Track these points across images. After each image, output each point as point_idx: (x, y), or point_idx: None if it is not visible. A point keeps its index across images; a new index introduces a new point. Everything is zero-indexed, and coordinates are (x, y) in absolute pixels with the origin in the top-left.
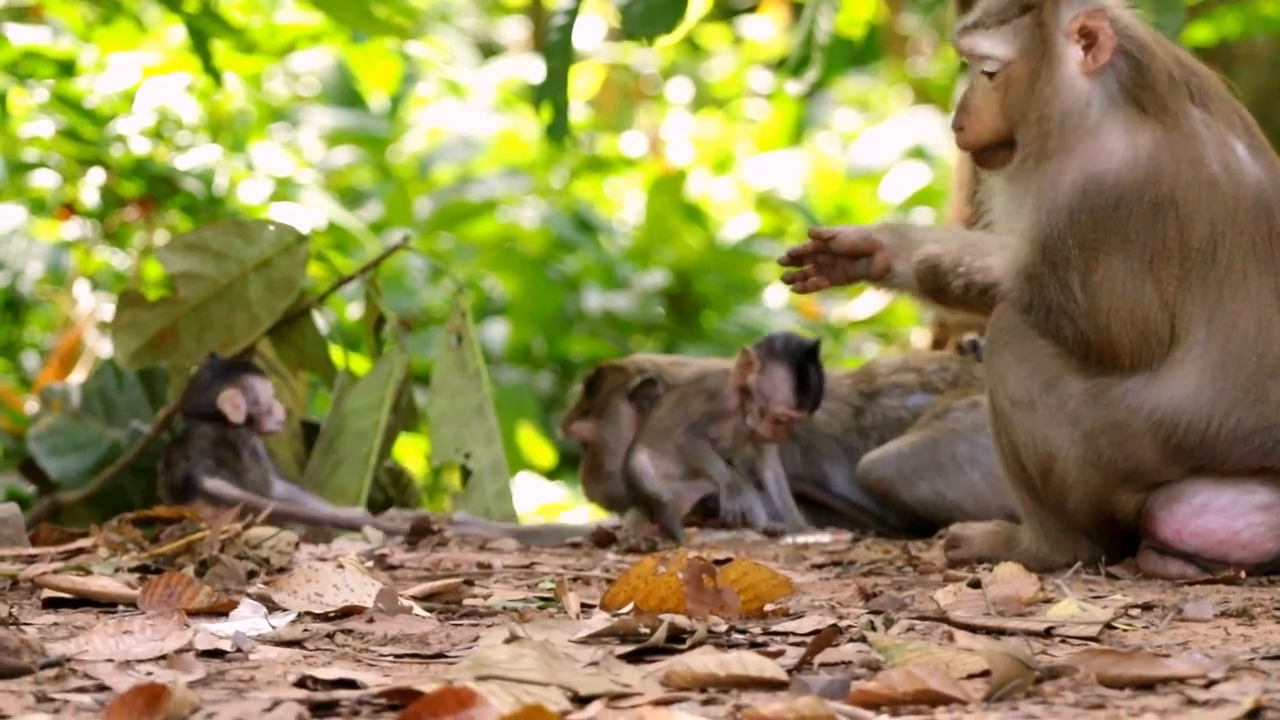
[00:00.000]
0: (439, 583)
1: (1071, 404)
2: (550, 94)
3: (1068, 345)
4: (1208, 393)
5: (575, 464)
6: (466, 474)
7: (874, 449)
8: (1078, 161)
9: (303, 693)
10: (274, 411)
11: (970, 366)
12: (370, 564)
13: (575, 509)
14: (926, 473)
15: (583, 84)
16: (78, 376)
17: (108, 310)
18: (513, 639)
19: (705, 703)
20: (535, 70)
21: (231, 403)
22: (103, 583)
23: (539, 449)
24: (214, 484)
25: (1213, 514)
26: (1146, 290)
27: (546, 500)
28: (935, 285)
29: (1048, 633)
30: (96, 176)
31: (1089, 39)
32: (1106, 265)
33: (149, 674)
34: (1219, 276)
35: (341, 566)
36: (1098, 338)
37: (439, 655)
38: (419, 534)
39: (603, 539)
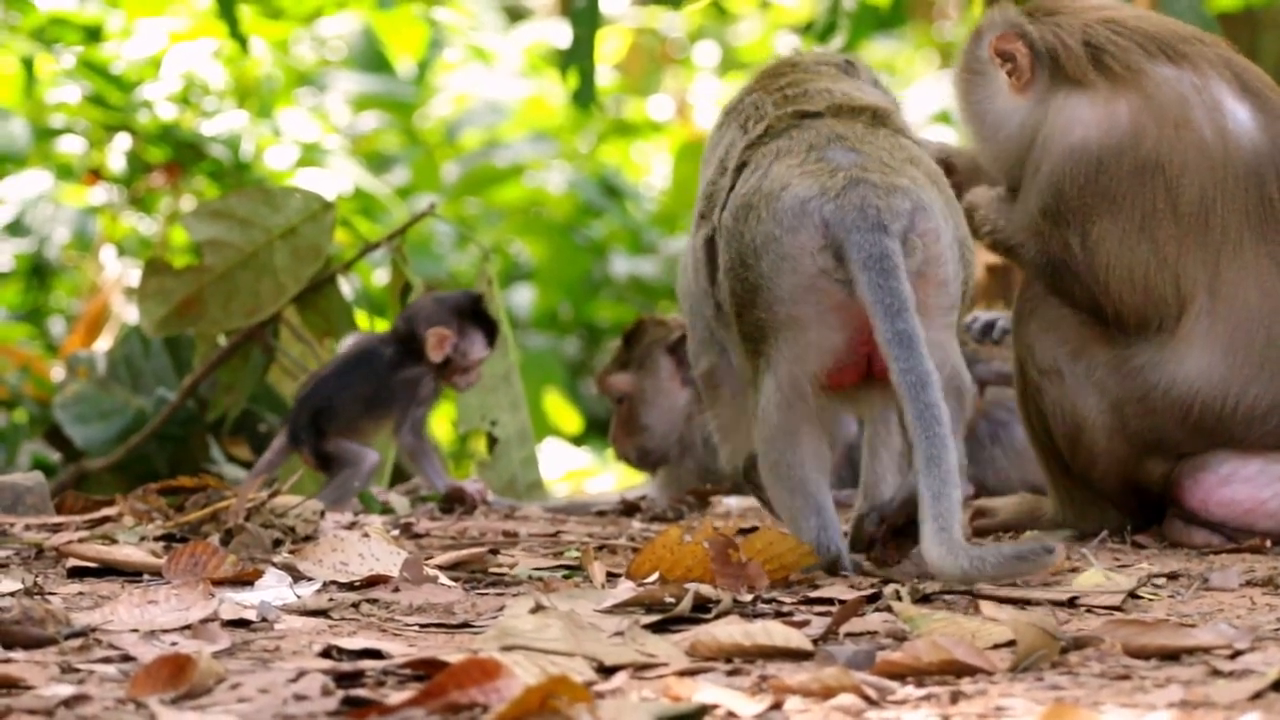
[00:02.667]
0: (464, 552)
1: (1098, 373)
2: (577, 60)
3: (1079, 306)
4: (1220, 370)
5: (602, 429)
6: (493, 441)
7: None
8: (1054, 142)
9: (328, 663)
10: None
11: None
12: (396, 533)
13: (601, 474)
14: None
15: (609, 48)
16: (104, 343)
17: (134, 277)
18: (538, 609)
19: (731, 673)
20: (562, 35)
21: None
22: (128, 552)
23: (565, 415)
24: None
25: (1239, 483)
26: (1142, 250)
27: (573, 466)
28: (971, 230)
29: (1072, 602)
30: (123, 142)
31: (1008, 59)
32: (1099, 227)
33: (174, 644)
34: (1215, 243)
35: (367, 535)
36: (1102, 297)
37: (464, 625)
38: (452, 502)
39: (629, 509)
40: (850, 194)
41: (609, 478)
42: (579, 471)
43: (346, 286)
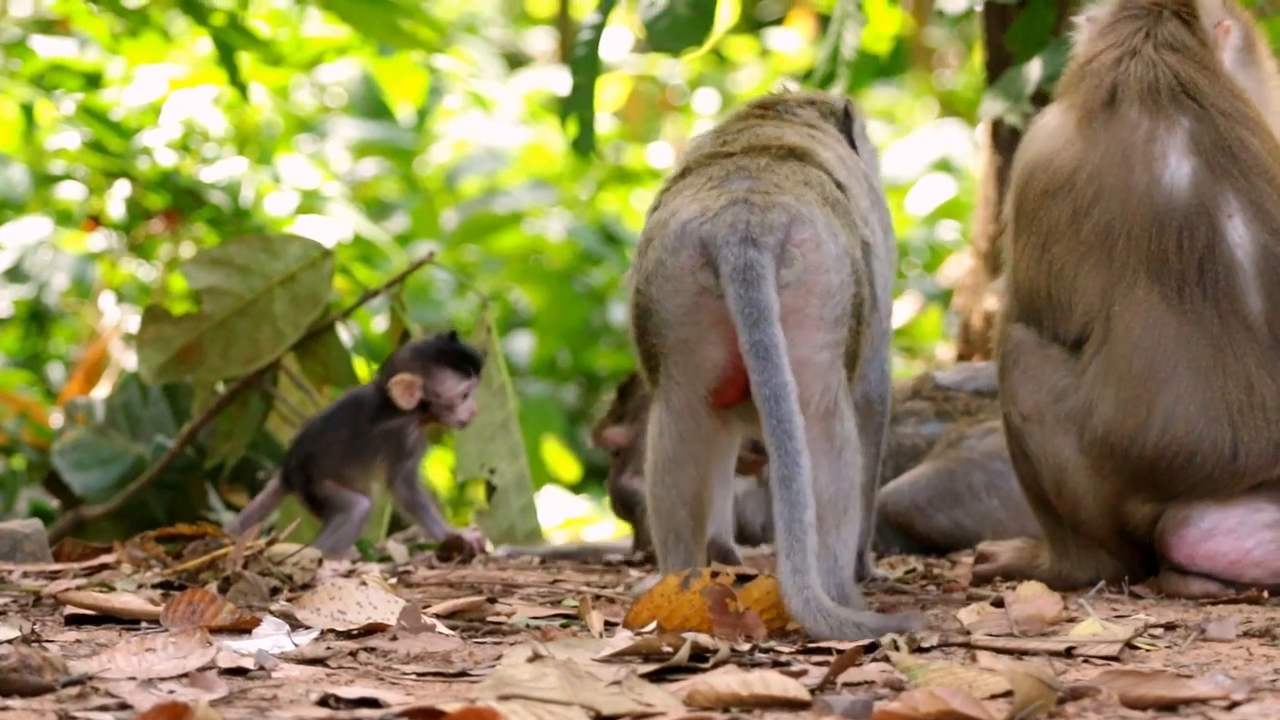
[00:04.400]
0: (462, 600)
1: (1069, 411)
2: (576, 108)
3: (1023, 321)
4: (1116, 408)
5: (600, 477)
6: (491, 489)
7: (890, 478)
8: (1018, 153)
9: (325, 711)
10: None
11: (954, 400)
12: (393, 581)
13: (600, 523)
14: (944, 503)
15: (609, 96)
16: (102, 390)
17: (133, 323)
18: (535, 657)
19: None
20: (562, 81)
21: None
22: (125, 599)
23: (564, 463)
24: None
25: (1222, 536)
26: (1042, 268)
27: (571, 514)
28: None
29: (1069, 652)
30: (122, 189)
31: None
32: (1020, 243)
33: (171, 692)
34: (1114, 273)
35: (364, 584)
36: (1022, 312)
37: (462, 674)
38: (449, 551)
39: (647, 558)
40: (726, 213)
41: (607, 526)
42: (577, 519)
43: (345, 334)
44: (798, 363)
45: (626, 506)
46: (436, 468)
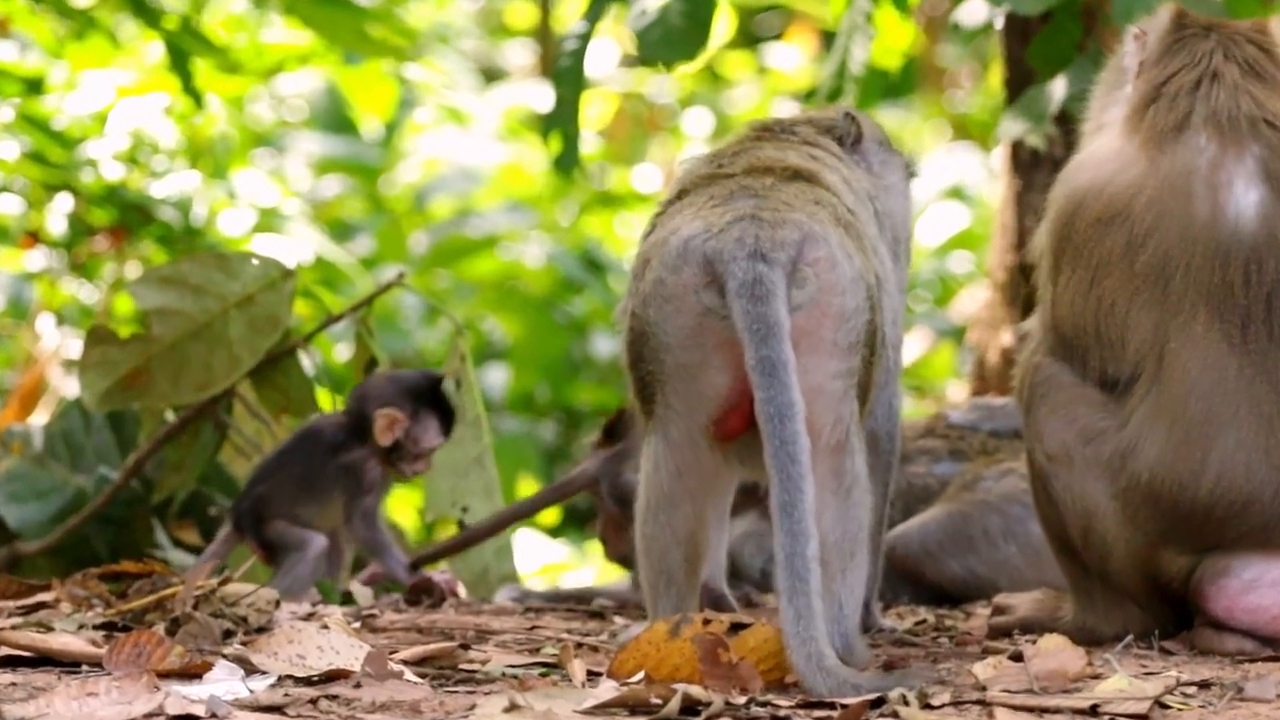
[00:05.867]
0: (432, 646)
1: (1106, 454)
2: (560, 123)
3: (1058, 357)
4: (1169, 453)
5: (581, 521)
6: (463, 529)
7: (898, 521)
8: (1062, 179)
9: None
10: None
11: (970, 439)
12: (357, 624)
13: (579, 568)
14: (957, 549)
15: (594, 113)
16: (40, 418)
17: (74, 347)
18: (512, 708)
19: None
20: (543, 97)
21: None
22: (65, 640)
23: None
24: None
25: (1265, 589)
26: (1093, 297)
27: (549, 560)
28: None
29: (1094, 711)
30: (64, 203)
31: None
32: (1065, 276)
33: None
34: (1170, 309)
35: (326, 627)
36: (1062, 350)
37: None
38: (419, 593)
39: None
40: (733, 229)
41: (588, 572)
42: (555, 565)
43: (307, 361)
44: (809, 391)
45: (624, 505)
46: (403, 506)
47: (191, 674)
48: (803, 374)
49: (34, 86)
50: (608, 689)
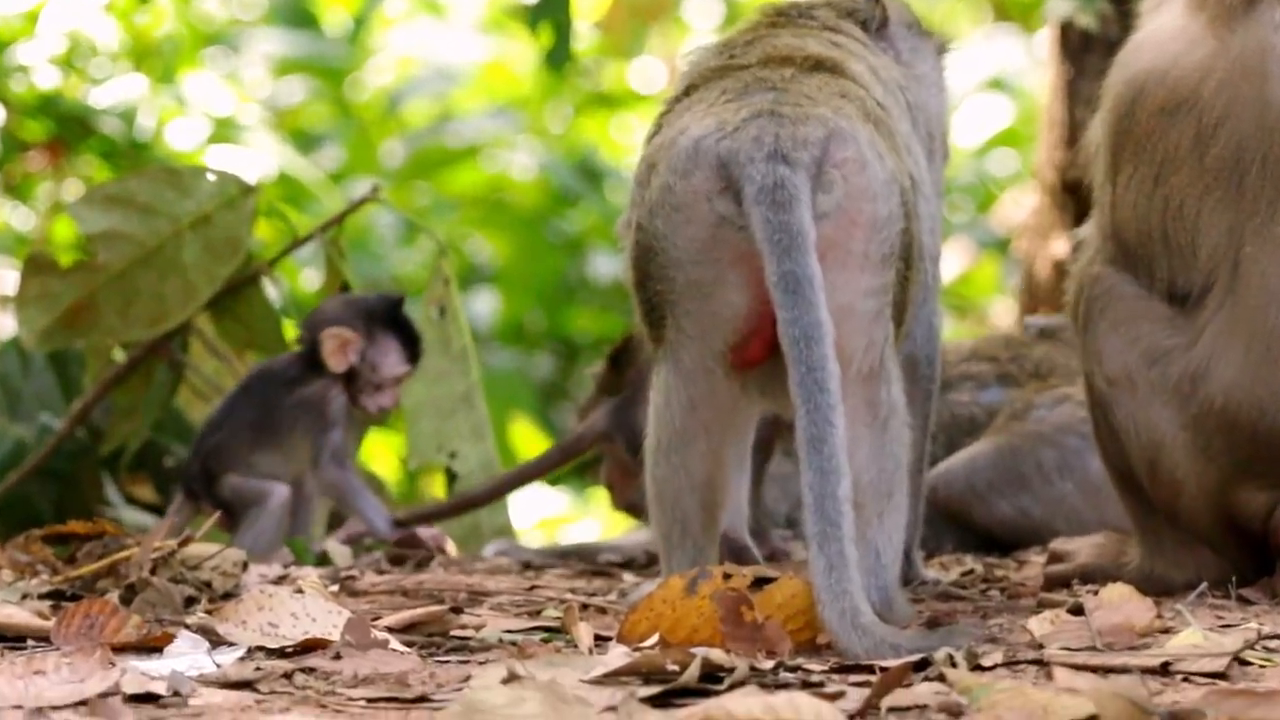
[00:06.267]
0: (420, 611)
1: (1174, 377)
2: (550, 12)
3: (1119, 267)
4: (1246, 372)
5: (582, 466)
6: (452, 477)
7: (941, 457)
8: (1119, 63)
9: None
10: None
11: (1049, 352)
12: (335, 588)
13: (581, 520)
14: (1007, 488)
15: (587, 3)
16: None
17: (8, 279)
18: (512, 678)
19: None
20: None
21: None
22: (7, 612)
23: (537, 447)
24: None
25: None
26: (1155, 204)
27: (547, 512)
28: None
29: (1166, 669)
30: None
31: None
32: (1125, 175)
33: None
34: (1245, 210)
35: (300, 591)
36: (1123, 259)
37: (421, 699)
38: (402, 553)
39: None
40: (749, 127)
41: (591, 525)
42: (555, 519)
43: (271, 289)
44: (838, 311)
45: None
46: (382, 452)
47: (150, 647)
48: (830, 291)
49: None
50: (618, 655)
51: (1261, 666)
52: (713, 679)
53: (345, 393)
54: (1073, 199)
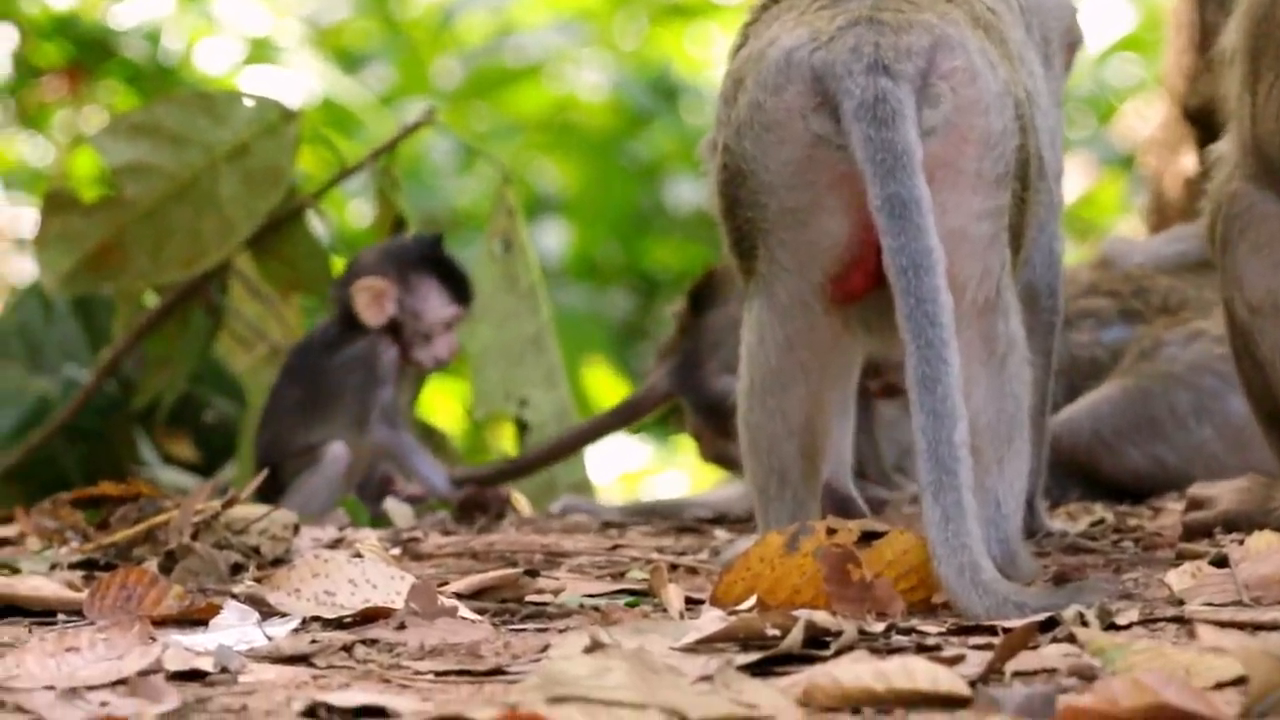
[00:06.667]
0: (492, 575)
1: None
2: None
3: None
4: None
5: (665, 414)
6: (522, 428)
7: (1062, 403)
8: None
9: None
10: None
11: (1176, 283)
12: (396, 551)
13: (666, 472)
14: (1138, 435)
15: None
16: None
17: (26, 220)
18: (595, 647)
19: None
20: None
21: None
22: (34, 584)
23: (615, 393)
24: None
25: None
26: None
27: (628, 463)
28: None
29: None
30: (5, 38)
31: None
32: (1265, 83)
33: (104, 705)
34: None
35: (359, 555)
36: (1268, 177)
37: (495, 671)
38: (470, 510)
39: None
40: (847, 35)
41: (677, 477)
42: (636, 472)
43: (318, 224)
44: (949, 236)
45: (718, 416)
46: (445, 402)
47: (194, 620)
48: (940, 215)
49: None
50: (712, 619)
51: None
52: (817, 644)
53: (395, 348)
54: (1202, 114)
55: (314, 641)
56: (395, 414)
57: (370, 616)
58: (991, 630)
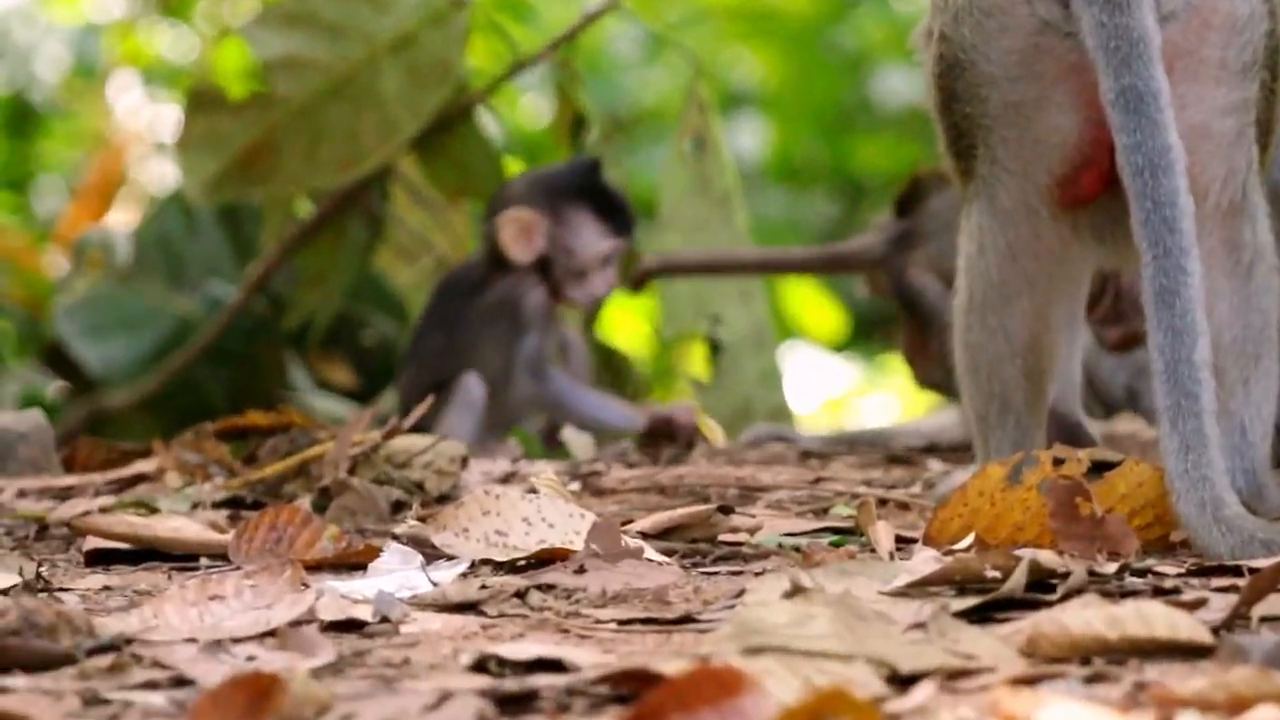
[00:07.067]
0: (680, 512)
1: None
2: None
3: None
4: None
5: (872, 328)
6: (715, 349)
7: None
8: None
9: (483, 679)
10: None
11: None
12: (576, 486)
13: (873, 395)
14: None
15: None
16: (123, 219)
17: (166, 119)
18: (796, 591)
19: (1089, 679)
20: None
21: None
22: (175, 525)
23: (819, 310)
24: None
25: None
26: None
27: (834, 387)
28: None
29: None
30: None
31: None
32: None
33: (251, 659)
34: None
35: (534, 491)
36: None
37: (685, 619)
38: (656, 439)
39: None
40: None
41: (887, 401)
42: (841, 397)
43: (490, 123)
44: (1190, 133)
45: (916, 310)
46: (629, 323)
47: (352, 565)
48: (1180, 109)
49: None
50: (925, 559)
51: None
52: (1043, 587)
53: (541, 288)
54: None
55: (484, 587)
56: (541, 364)
57: (546, 559)
58: (1236, 571)
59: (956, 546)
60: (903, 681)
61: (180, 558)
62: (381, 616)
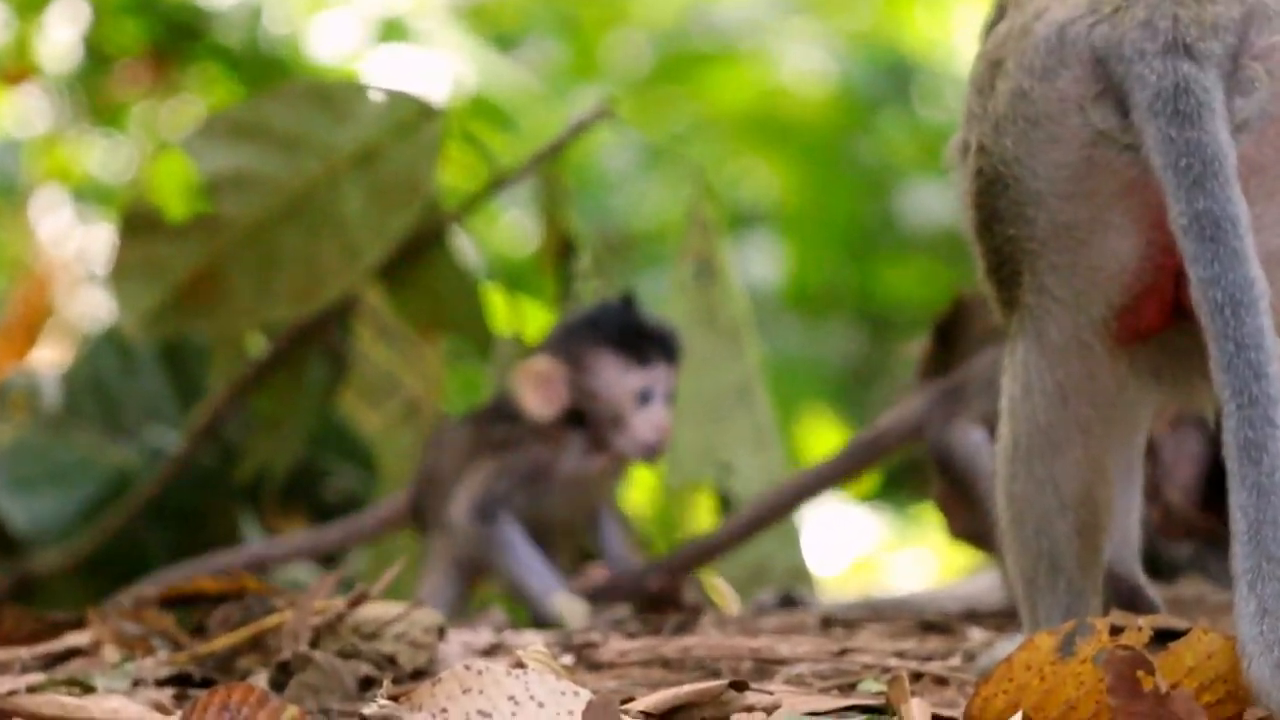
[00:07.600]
0: (688, 688)
1: None
2: None
3: None
4: None
5: (902, 481)
6: (725, 502)
7: None
8: None
9: None
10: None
11: None
12: (569, 659)
13: (908, 552)
14: None
15: None
16: (51, 358)
17: (98, 244)
18: None
19: None
20: None
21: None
22: (113, 705)
23: None
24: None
25: None
26: None
27: (862, 544)
28: None
29: None
30: (75, 16)
31: None
32: None
33: None
34: None
35: (521, 665)
36: None
37: None
38: (658, 605)
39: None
40: (1136, 6)
41: (921, 558)
42: (869, 556)
43: (467, 247)
44: (1269, 260)
45: (964, 483)
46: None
47: None
48: (1259, 233)
49: None
50: None
51: None
52: None
53: (586, 443)
54: None
55: None
56: (495, 505)
57: None
58: None
59: None
60: None
61: None
62: None
